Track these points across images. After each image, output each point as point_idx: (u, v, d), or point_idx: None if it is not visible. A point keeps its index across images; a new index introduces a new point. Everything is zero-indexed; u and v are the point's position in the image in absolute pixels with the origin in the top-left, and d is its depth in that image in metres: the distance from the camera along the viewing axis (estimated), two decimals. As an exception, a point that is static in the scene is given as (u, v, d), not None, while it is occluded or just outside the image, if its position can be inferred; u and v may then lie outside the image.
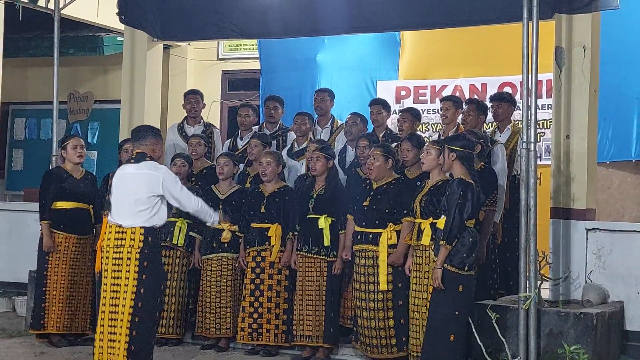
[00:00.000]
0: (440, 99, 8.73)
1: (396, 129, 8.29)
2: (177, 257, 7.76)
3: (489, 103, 8.10)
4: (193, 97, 8.96)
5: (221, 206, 7.56)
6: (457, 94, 9.45)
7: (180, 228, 7.74)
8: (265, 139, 8.05)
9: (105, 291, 6.19)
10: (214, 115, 12.06)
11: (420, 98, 10.05)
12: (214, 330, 7.62)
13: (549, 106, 8.33)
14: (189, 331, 7.86)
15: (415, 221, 6.58)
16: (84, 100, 12.95)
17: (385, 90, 10.16)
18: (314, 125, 8.62)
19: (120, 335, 6.08)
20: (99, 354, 6.16)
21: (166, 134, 8.98)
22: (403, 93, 10.17)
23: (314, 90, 9.28)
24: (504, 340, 6.37)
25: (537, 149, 6.52)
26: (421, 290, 6.43)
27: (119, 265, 6.13)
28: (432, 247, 6.29)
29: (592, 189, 7.15)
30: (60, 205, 7.77)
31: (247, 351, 7.52)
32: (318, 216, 7.17)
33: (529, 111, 6.46)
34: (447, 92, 9.66)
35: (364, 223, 6.87)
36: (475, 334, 6.32)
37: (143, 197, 6.16)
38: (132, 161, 6.33)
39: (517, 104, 7.85)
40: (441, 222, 6.21)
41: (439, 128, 9.38)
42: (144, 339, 6.16)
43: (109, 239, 6.22)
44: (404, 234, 6.72)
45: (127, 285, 6.10)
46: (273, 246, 7.41)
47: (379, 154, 6.86)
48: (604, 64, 7.46)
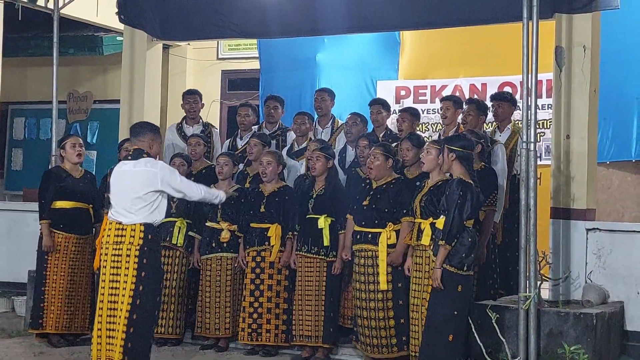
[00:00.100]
0: (440, 98, 8.72)
1: (396, 128, 8.29)
2: (177, 257, 7.75)
3: (489, 103, 8.11)
4: (191, 97, 8.96)
5: (220, 206, 7.56)
6: (457, 93, 9.44)
7: (179, 228, 7.74)
8: (264, 138, 8.05)
9: (103, 288, 6.18)
10: (214, 115, 12.04)
11: (420, 98, 10.04)
12: (214, 330, 7.61)
13: (549, 106, 8.33)
14: (188, 331, 7.86)
15: (415, 221, 6.58)
16: (84, 100, 12.94)
17: (385, 90, 10.15)
18: (314, 125, 8.62)
19: (118, 332, 6.06)
20: (97, 350, 6.14)
21: (165, 134, 8.97)
22: (403, 93, 10.16)
23: (314, 90, 9.28)
24: (503, 340, 6.37)
25: (537, 149, 6.51)
26: (421, 290, 6.42)
27: (118, 262, 6.12)
28: (432, 247, 6.29)
29: (592, 189, 7.14)
30: (60, 204, 7.76)
31: (246, 351, 7.51)
32: (318, 216, 7.16)
33: (529, 111, 6.46)
34: (447, 92, 9.65)
35: (364, 223, 6.86)
36: (475, 334, 6.32)
37: (141, 194, 6.14)
38: (130, 158, 6.31)
39: (517, 104, 7.85)
40: (440, 222, 6.21)
41: (438, 128, 9.38)
42: (142, 337, 6.14)
43: (108, 235, 6.20)
44: (404, 233, 6.71)
45: (126, 282, 6.08)
46: (273, 246, 7.40)
47: (379, 153, 6.86)
48: (604, 63, 7.45)
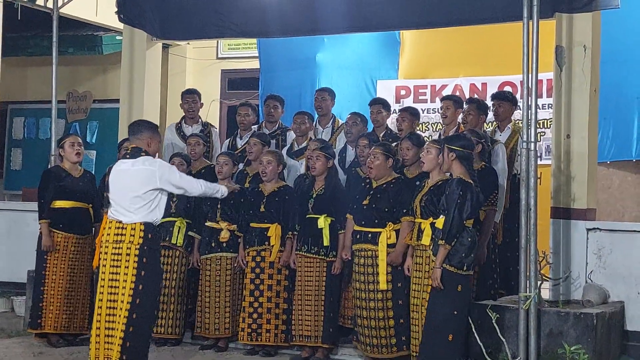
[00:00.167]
0: (440, 98, 8.72)
1: (396, 128, 8.28)
2: (176, 256, 7.74)
3: (489, 102, 8.10)
4: (190, 97, 8.95)
5: (219, 206, 7.56)
6: (457, 93, 9.44)
7: (179, 228, 7.72)
8: (264, 138, 8.03)
9: (102, 287, 6.17)
10: (214, 115, 12.04)
11: (420, 97, 10.04)
12: (213, 331, 7.60)
13: (549, 106, 8.32)
14: (188, 331, 7.85)
15: (416, 221, 6.57)
16: (83, 99, 12.93)
17: (385, 89, 10.15)
18: (314, 124, 8.61)
19: (117, 330, 6.05)
20: (95, 349, 6.13)
21: (164, 134, 8.96)
22: (403, 92, 10.15)
23: (314, 90, 9.27)
24: (503, 340, 6.36)
25: (537, 149, 6.51)
26: (421, 290, 6.41)
27: (118, 261, 6.11)
28: (431, 247, 6.28)
29: (592, 188, 7.13)
30: (59, 204, 7.75)
31: (246, 351, 7.50)
32: (317, 216, 7.15)
33: (529, 111, 6.45)
34: (447, 91, 9.65)
35: (364, 222, 6.85)
36: (475, 333, 6.32)
37: (140, 193, 6.13)
38: (128, 156, 6.29)
39: (518, 104, 7.84)
40: (440, 221, 6.20)
41: (439, 127, 9.37)
42: (141, 336, 6.13)
43: (108, 234, 6.19)
44: (403, 233, 6.70)
45: (126, 282, 6.07)
46: (273, 246, 7.39)
47: (379, 152, 6.85)
48: (604, 63, 7.45)
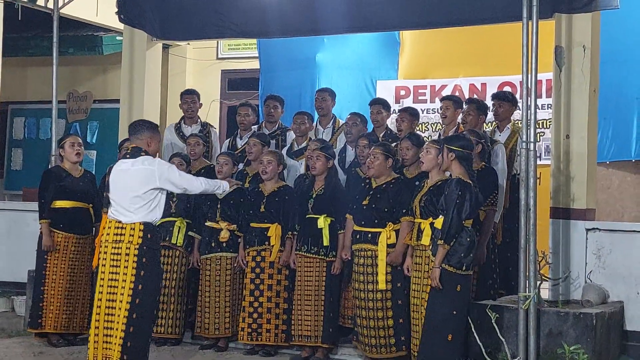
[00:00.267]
0: (440, 98, 8.72)
1: (396, 128, 8.28)
2: (176, 256, 7.75)
3: (489, 102, 8.10)
4: (189, 97, 8.96)
5: (219, 205, 7.56)
6: (457, 93, 9.43)
7: (179, 228, 7.73)
8: (263, 138, 8.04)
9: (102, 286, 6.16)
10: (214, 115, 12.04)
11: (420, 98, 10.03)
12: (213, 330, 7.61)
13: (549, 106, 8.32)
14: (188, 331, 7.85)
15: (415, 221, 6.57)
16: (83, 99, 12.93)
17: (385, 89, 10.15)
18: (313, 125, 8.61)
19: (116, 330, 6.05)
20: (93, 349, 6.13)
21: (163, 134, 8.97)
22: (403, 93, 10.15)
23: (314, 90, 9.27)
24: (503, 340, 6.37)
25: (536, 149, 6.51)
26: (421, 290, 6.41)
27: (117, 260, 6.11)
28: (431, 247, 6.29)
29: (592, 188, 7.14)
30: (60, 204, 7.76)
31: (246, 351, 7.51)
32: (317, 216, 7.16)
33: (529, 111, 6.45)
34: (446, 91, 9.65)
35: (363, 222, 6.86)
36: (475, 333, 6.32)
37: (140, 193, 6.13)
38: (128, 156, 6.30)
39: (518, 104, 7.84)
40: (439, 221, 6.20)
41: (438, 128, 9.37)
42: (141, 336, 6.13)
43: (107, 234, 6.20)
44: (403, 233, 6.70)
45: (125, 282, 6.07)
46: (273, 246, 7.40)
47: (379, 152, 6.85)
48: (604, 63, 7.45)
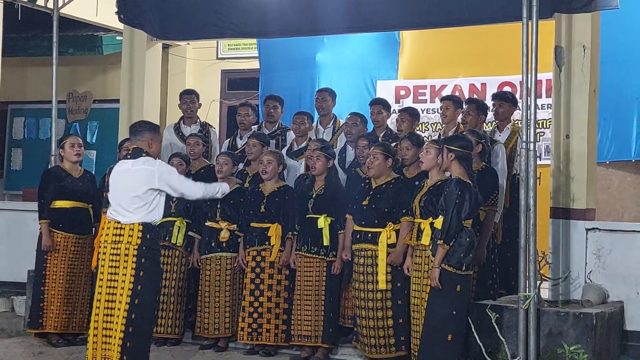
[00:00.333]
0: (440, 98, 8.72)
1: (395, 128, 8.28)
2: (176, 256, 7.74)
3: (489, 102, 8.10)
4: (188, 97, 8.96)
5: (219, 205, 7.56)
6: (457, 93, 9.43)
7: (179, 227, 7.73)
8: (263, 138, 8.04)
9: (101, 287, 6.17)
10: (213, 115, 12.04)
11: (420, 98, 10.03)
12: (213, 330, 7.60)
13: (549, 106, 8.32)
14: (188, 331, 7.85)
15: (415, 221, 6.57)
16: (83, 99, 12.93)
17: (385, 89, 10.15)
18: (313, 125, 8.61)
19: (115, 331, 6.05)
20: (92, 349, 6.13)
21: (163, 135, 8.96)
22: (403, 93, 10.15)
23: (314, 90, 9.27)
24: (503, 340, 6.36)
25: (536, 149, 6.51)
26: (421, 290, 6.41)
27: (116, 261, 6.11)
28: (430, 247, 6.29)
29: (591, 188, 7.14)
30: (59, 204, 7.76)
31: (246, 351, 7.50)
32: (317, 216, 7.16)
33: (529, 111, 6.45)
34: (446, 91, 9.65)
35: (363, 222, 6.86)
36: (475, 333, 6.32)
37: (139, 193, 6.13)
38: (129, 157, 6.31)
39: (518, 104, 7.84)
40: (439, 222, 6.20)
41: (438, 128, 9.37)
42: (141, 336, 6.13)
43: (107, 234, 6.20)
44: (403, 233, 6.71)
45: (125, 282, 6.07)
46: (273, 246, 7.40)
47: (379, 152, 6.85)
48: (603, 63, 7.45)
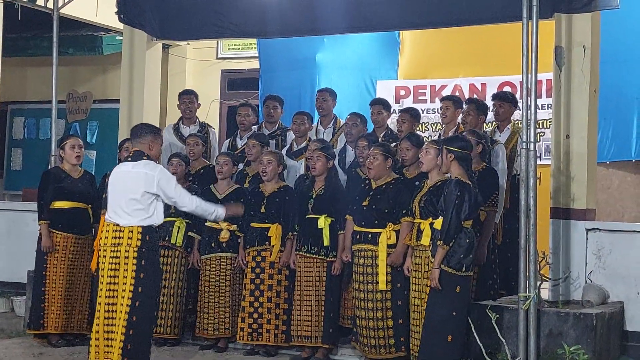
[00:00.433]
0: (440, 98, 8.72)
1: (396, 129, 8.28)
2: (176, 257, 7.74)
3: (490, 102, 8.10)
4: (187, 98, 8.96)
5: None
6: (457, 93, 9.43)
7: (178, 228, 7.72)
8: (262, 138, 8.03)
9: (101, 290, 6.18)
10: (213, 115, 12.04)
11: (420, 98, 10.03)
12: (213, 331, 7.60)
13: (549, 106, 8.32)
14: (188, 331, 7.84)
15: (415, 221, 6.57)
16: (83, 99, 12.93)
17: (385, 89, 10.14)
18: (313, 125, 8.60)
19: (117, 334, 6.06)
20: (94, 352, 6.14)
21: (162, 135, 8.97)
22: (403, 93, 10.15)
23: (314, 90, 9.27)
24: (503, 340, 6.37)
25: (536, 149, 6.51)
26: (421, 290, 6.41)
27: (116, 264, 6.12)
28: (430, 248, 6.28)
29: (592, 188, 7.14)
30: (59, 205, 7.76)
31: (246, 351, 7.50)
32: (317, 216, 7.16)
33: (529, 111, 6.45)
34: (446, 91, 9.65)
35: (363, 223, 6.86)
36: (475, 334, 6.32)
37: (137, 195, 6.14)
38: (130, 159, 6.32)
39: (518, 104, 7.83)
40: (438, 222, 6.20)
41: (438, 128, 9.37)
42: (142, 338, 6.14)
43: (106, 237, 6.21)
44: (403, 234, 6.70)
45: (125, 284, 6.09)
46: (273, 246, 7.40)
47: (378, 153, 6.85)
48: (604, 63, 7.45)
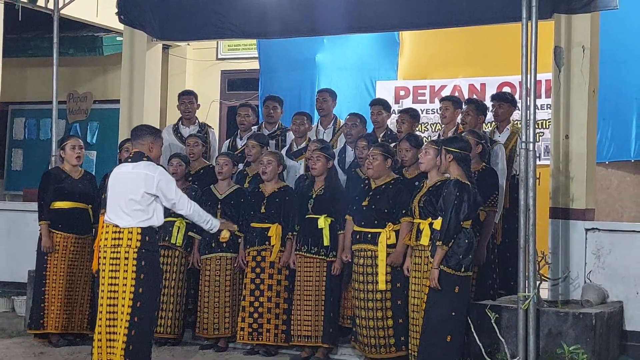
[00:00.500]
0: (439, 99, 8.72)
1: (396, 129, 8.29)
2: (176, 256, 7.75)
3: (489, 103, 8.10)
4: (187, 98, 8.97)
5: (220, 206, 7.57)
6: (456, 94, 9.43)
7: (178, 228, 7.73)
8: (262, 139, 8.04)
9: (102, 291, 6.20)
10: (213, 115, 12.05)
11: (420, 98, 10.03)
12: (213, 331, 7.61)
13: (548, 106, 8.33)
14: (189, 331, 7.85)
15: (414, 221, 6.58)
16: (83, 100, 12.94)
17: (385, 90, 10.14)
18: (313, 125, 8.61)
19: (119, 335, 6.08)
20: (97, 354, 6.17)
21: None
22: (402, 93, 10.15)
23: (314, 91, 9.27)
24: (503, 340, 6.37)
25: (536, 149, 6.52)
26: (420, 290, 6.42)
27: (116, 265, 6.13)
28: (430, 248, 6.29)
29: (591, 189, 7.14)
30: (59, 205, 7.78)
31: (246, 351, 7.51)
32: (317, 216, 7.17)
33: (528, 111, 6.46)
34: (446, 92, 9.64)
35: (363, 223, 6.87)
36: (475, 334, 6.33)
37: (137, 196, 6.15)
38: (130, 160, 6.34)
39: (517, 105, 7.84)
40: (438, 222, 6.21)
41: (438, 128, 9.38)
42: (143, 339, 6.16)
43: (106, 238, 6.22)
44: (403, 234, 6.71)
45: (126, 285, 6.10)
46: (273, 246, 7.41)
47: (378, 153, 6.86)
48: (603, 63, 7.45)
